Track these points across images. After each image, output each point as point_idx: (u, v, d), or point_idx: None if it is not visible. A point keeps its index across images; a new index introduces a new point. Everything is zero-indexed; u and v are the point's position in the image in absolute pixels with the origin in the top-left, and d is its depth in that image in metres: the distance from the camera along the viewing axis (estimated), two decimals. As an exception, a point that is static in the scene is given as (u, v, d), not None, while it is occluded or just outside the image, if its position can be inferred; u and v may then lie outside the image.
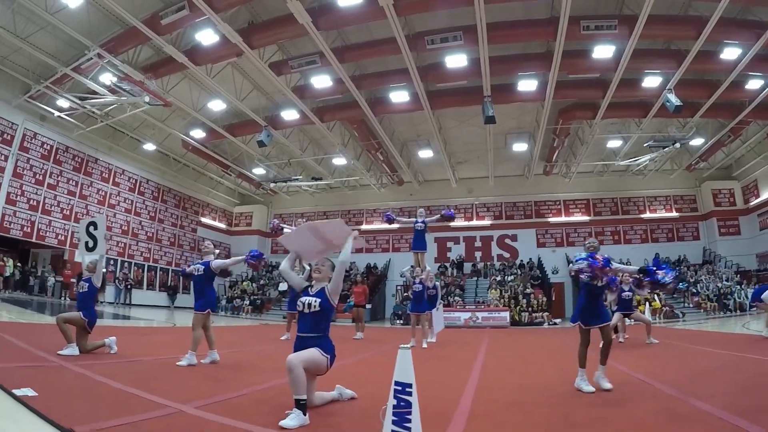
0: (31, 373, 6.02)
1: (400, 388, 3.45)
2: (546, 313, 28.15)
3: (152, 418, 4.40)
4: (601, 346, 6.38)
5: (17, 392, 4.83)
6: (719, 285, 28.75)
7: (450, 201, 37.54)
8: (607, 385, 6.16)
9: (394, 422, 3.40)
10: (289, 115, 26.66)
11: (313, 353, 4.80)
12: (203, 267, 8.29)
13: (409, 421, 3.36)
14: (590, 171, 34.47)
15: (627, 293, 12.51)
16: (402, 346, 3.67)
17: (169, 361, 7.72)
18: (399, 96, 24.31)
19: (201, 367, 7.72)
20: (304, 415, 4.33)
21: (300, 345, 4.93)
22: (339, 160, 33.86)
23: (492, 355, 11.41)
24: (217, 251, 9.06)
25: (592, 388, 6.05)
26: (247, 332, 18.95)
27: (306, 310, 5.02)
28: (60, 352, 7.76)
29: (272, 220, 14.78)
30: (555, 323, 27.25)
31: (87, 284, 8.62)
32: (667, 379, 6.85)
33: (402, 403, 3.41)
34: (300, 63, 21.65)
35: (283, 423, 4.18)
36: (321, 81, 23.10)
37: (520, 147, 31.02)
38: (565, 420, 4.75)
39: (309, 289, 5.23)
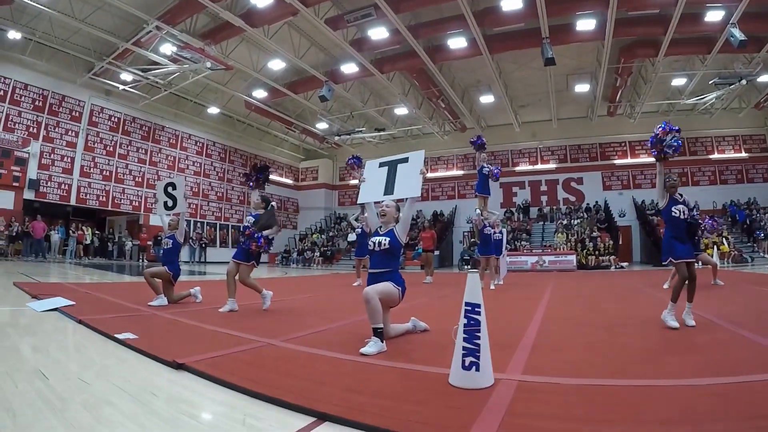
0: (128, 321, 6.50)
1: (470, 308, 3.69)
2: (613, 257, 27.73)
3: (245, 350, 4.86)
4: (686, 283, 6.34)
5: (119, 336, 5.33)
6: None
7: (514, 146, 37.67)
8: (691, 323, 6.16)
9: (464, 339, 3.62)
10: (349, 68, 26.66)
11: (386, 285, 5.11)
12: (254, 219, 8.53)
13: (478, 337, 3.60)
14: (655, 111, 32.93)
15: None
16: (470, 270, 3.90)
17: (250, 306, 8.13)
18: (456, 42, 23.99)
19: (280, 311, 8.10)
20: (382, 342, 4.67)
21: (373, 280, 5.24)
22: (401, 110, 33.87)
23: (557, 295, 11.50)
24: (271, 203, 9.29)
25: (676, 324, 6.05)
26: (320, 280, 19.42)
27: (377, 248, 5.31)
28: (150, 303, 8.25)
29: (351, 159, 14.72)
30: (622, 267, 26.90)
31: (171, 240, 9.04)
32: (732, 318, 6.86)
33: (472, 322, 3.64)
34: (355, 16, 21.60)
35: (363, 350, 4.54)
36: (378, 33, 23.01)
37: (582, 88, 30.22)
38: (623, 351, 4.89)
39: (379, 230, 5.52)
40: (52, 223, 28.14)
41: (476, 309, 3.69)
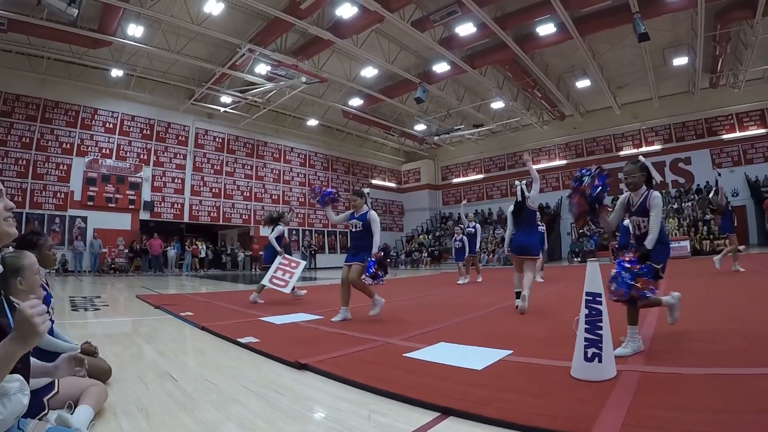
0: (249, 327, 6.90)
1: (591, 297, 3.73)
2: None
3: (365, 349, 5.12)
4: None
5: (242, 340, 5.74)
6: None
7: (615, 129, 36.56)
8: None
9: (586, 330, 3.66)
10: (441, 67, 26.65)
11: None
12: (360, 223, 8.02)
13: (600, 327, 3.62)
14: (761, 77, 30.66)
15: None
16: (590, 259, 3.99)
17: (362, 309, 8.22)
18: (545, 29, 23.54)
19: (394, 310, 8.41)
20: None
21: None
22: (497, 104, 33.48)
23: (673, 284, 11.35)
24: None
25: None
26: (429, 280, 19.63)
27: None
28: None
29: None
30: (739, 250, 25.80)
31: None
32: None
33: (593, 312, 3.68)
34: (441, 15, 21.65)
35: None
36: (465, 29, 22.88)
37: (680, 61, 28.59)
38: (750, 338, 4.78)
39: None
40: (168, 240, 29.95)
41: (597, 299, 3.72)
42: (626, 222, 5.36)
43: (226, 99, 28.93)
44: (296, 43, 24.57)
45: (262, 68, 24.55)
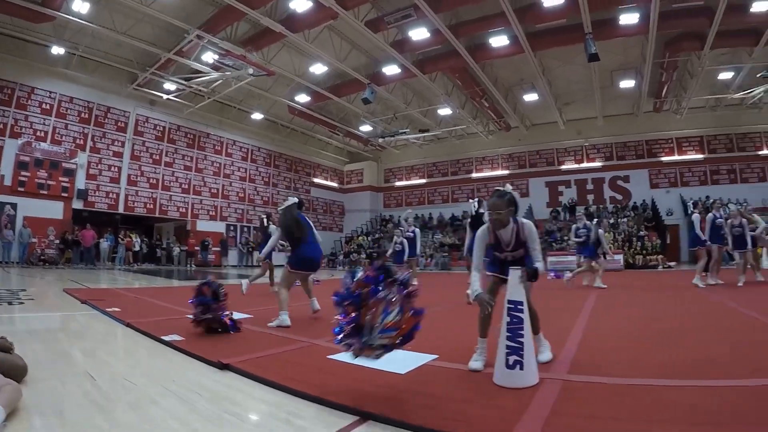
0: (175, 324, 6.59)
1: (512, 305, 3.71)
2: (660, 256, 27.54)
3: (289, 350, 5.01)
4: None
5: (166, 338, 5.51)
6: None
7: (559, 144, 37.43)
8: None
9: (508, 337, 3.64)
10: (391, 70, 26.63)
11: None
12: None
13: (522, 335, 3.61)
14: (702, 106, 32.42)
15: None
16: (512, 267, 3.91)
17: (298, 308, 8.13)
18: (498, 41, 23.80)
19: (317, 314, 7.99)
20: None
21: None
22: (444, 111, 33.70)
23: (605, 295, 11.48)
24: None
25: None
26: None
27: None
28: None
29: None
30: (670, 266, 26.51)
31: None
32: None
33: (515, 320, 3.66)
34: (396, 18, 21.57)
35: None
36: (418, 33, 22.87)
37: (627, 84, 29.61)
38: (673, 350, 4.83)
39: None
40: (101, 232, 28.78)
41: (518, 306, 3.70)
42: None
43: (170, 86, 28.07)
44: (246, 33, 24.11)
45: (210, 57, 23.87)
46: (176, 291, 12.65)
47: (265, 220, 13.07)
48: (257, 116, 34.69)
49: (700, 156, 34.00)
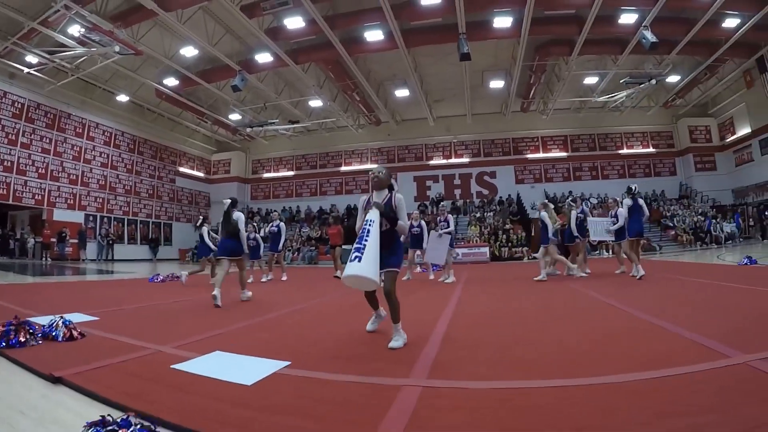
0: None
1: (366, 222, 4.71)
2: (525, 248, 28.68)
3: (131, 359, 4.43)
4: None
5: None
6: (695, 219, 29.92)
7: (428, 140, 38.29)
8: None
9: (356, 241, 4.53)
10: (263, 58, 26.28)
11: None
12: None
13: (365, 240, 4.49)
14: (567, 108, 34.59)
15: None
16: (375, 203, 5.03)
17: (157, 306, 7.77)
18: (373, 35, 24.02)
19: (171, 315, 7.63)
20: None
21: None
22: (315, 103, 33.68)
23: (470, 286, 11.64)
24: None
25: None
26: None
27: None
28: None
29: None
30: (534, 257, 27.37)
31: None
32: (635, 303, 7.11)
33: (364, 231, 4.61)
34: (272, 4, 21.20)
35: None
36: (294, 22, 22.72)
37: (497, 84, 30.82)
38: (538, 347, 4.69)
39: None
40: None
41: (369, 221, 4.67)
42: None
43: (32, 59, 25.76)
44: (118, 7, 22.72)
45: (76, 29, 22.29)
46: (26, 289, 11.41)
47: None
48: (123, 98, 32.84)
49: (564, 154, 36.77)
